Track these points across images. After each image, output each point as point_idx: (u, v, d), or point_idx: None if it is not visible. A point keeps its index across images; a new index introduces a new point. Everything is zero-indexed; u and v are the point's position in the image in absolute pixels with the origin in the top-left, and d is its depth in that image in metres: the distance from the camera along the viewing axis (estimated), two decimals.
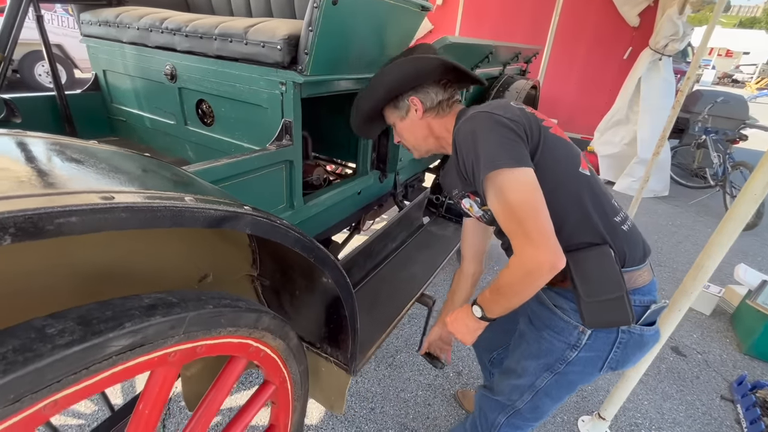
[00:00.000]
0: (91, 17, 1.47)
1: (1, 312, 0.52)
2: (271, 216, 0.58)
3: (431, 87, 1.05)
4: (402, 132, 1.13)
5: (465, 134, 0.88)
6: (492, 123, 0.85)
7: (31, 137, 0.47)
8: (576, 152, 0.92)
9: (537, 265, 0.77)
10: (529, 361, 1.03)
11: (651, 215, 4.11)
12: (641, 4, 4.42)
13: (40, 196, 0.32)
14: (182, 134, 1.41)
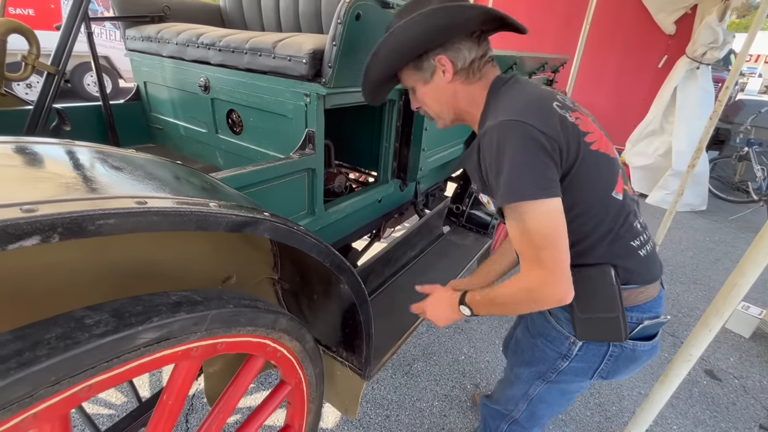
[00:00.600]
0: (135, 33, 1.59)
1: (46, 303, 0.57)
2: (290, 222, 0.62)
3: (464, 42, 0.85)
4: (424, 98, 0.94)
5: (490, 142, 0.76)
6: (523, 139, 0.73)
7: (79, 146, 0.53)
8: (614, 172, 0.84)
9: (544, 295, 0.75)
10: (522, 368, 1.05)
11: (687, 230, 3.92)
12: (678, 11, 4.27)
13: (83, 200, 0.37)
14: (213, 142, 1.49)
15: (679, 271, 3.14)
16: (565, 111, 0.79)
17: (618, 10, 4.64)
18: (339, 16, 0.99)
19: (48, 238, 0.34)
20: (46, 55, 1.10)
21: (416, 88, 0.94)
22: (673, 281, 2.98)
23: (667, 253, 3.39)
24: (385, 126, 1.51)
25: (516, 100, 0.80)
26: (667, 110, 4.38)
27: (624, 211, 0.83)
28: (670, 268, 3.17)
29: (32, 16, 6.52)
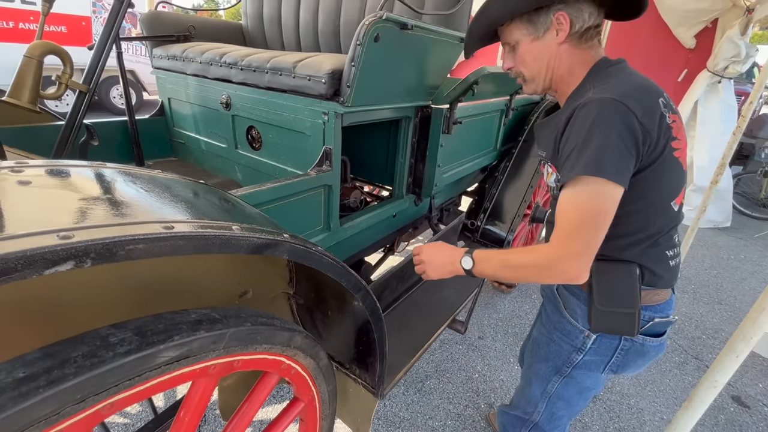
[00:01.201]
0: (161, 52, 1.65)
1: (76, 318, 0.59)
2: (308, 243, 0.63)
3: (586, 4, 0.81)
4: (525, 56, 0.88)
5: (588, 113, 0.74)
6: (622, 123, 0.71)
7: (108, 168, 0.55)
8: (681, 183, 0.85)
9: (562, 269, 0.76)
10: (540, 364, 1.09)
11: (710, 248, 3.80)
12: (698, 25, 4.21)
13: (115, 225, 0.38)
14: (233, 157, 1.53)
15: (702, 290, 3.03)
16: (667, 110, 0.78)
17: (636, 24, 4.60)
18: (358, 38, 1.01)
19: (81, 263, 0.35)
20: (78, 69, 1.16)
21: (520, 44, 0.88)
22: (696, 301, 2.88)
23: (690, 271, 3.29)
24: (401, 142, 1.52)
25: (626, 82, 0.78)
26: (688, 125, 4.29)
27: (672, 223, 0.86)
28: (693, 286, 3.07)
29: (65, 33, 6.86)
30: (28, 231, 0.34)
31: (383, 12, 1.01)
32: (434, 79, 1.39)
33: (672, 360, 2.24)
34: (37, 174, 0.47)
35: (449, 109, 1.45)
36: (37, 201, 0.41)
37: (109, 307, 0.65)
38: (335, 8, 1.65)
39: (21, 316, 0.49)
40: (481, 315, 2.50)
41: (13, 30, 6.36)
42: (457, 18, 1.42)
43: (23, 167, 0.47)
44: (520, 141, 2.14)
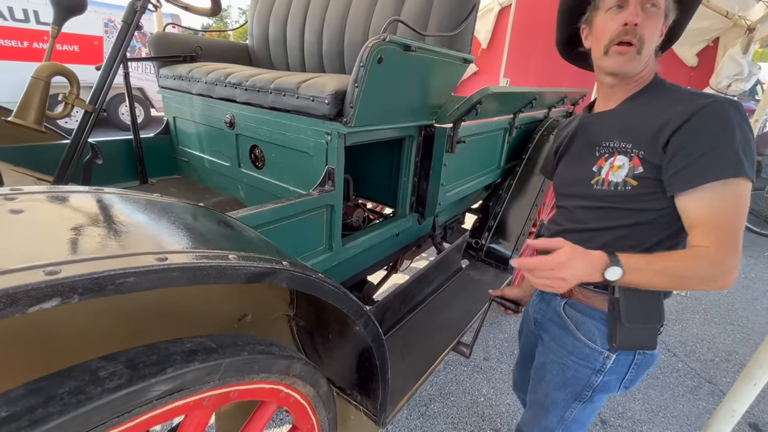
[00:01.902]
0: (168, 72, 1.67)
1: (68, 347, 0.57)
2: (308, 270, 0.61)
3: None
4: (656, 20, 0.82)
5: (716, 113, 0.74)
6: (744, 118, 0.75)
7: (106, 194, 0.54)
8: None
9: (727, 278, 0.72)
10: (557, 392, 1.03)
11: None
12: (699, 44, 4.25)
13: (105, 258, 0.37)
14: (236, 175, 1.53)
15: (713, 310, 2.96)
16: None
17: None
18: (362, 60, 1.01)
19: (68, 299, 0.34)
20: (87, 87, 1.17)
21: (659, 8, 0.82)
22: (707, 322, 2.81)
23: (700, 292, 3.22)
24: (404, 161, 1.51)
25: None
26: None
27: None
28: (703, 306, 3.00)
29: (77, 52, 7.05)
30: (13, 267, 0.32)
31: (387, 34, 1.02)
32: (437, 99, 1.39)
33: (685, 384, 2.17)
34: (30, 201, 0.46)
35: (452, 128, 1.45)
36: (28, 232, 0.40)
37: (102, 335, 0.63)
38: (339, 29, 1.67)
39: (7, 347, 0.47)
40: (486, 335, 2.44)
41: (27, 49, 6.55)
42: (460, 39, 1.43)
43: (17, 194, 0.46)
44: (524, 159, 2.14)
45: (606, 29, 0.84)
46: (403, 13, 1.50)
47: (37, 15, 6.51)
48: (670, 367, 2.30)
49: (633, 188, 0.84)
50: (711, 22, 4.05)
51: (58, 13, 1.19)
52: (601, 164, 0.91)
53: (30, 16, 6.50)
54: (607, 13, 0.84)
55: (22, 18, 6.43)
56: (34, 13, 6.49)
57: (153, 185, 1.72)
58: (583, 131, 1.00)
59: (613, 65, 0.85)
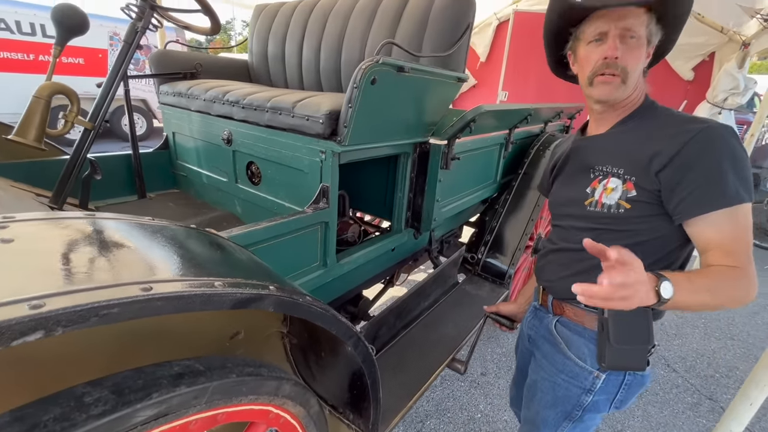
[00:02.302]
0: (168, 89, 1.70)
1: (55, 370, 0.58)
2: (295, 293, 0.61)
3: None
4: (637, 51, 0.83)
5: (713, 140, 0.75)
6: (740, 146, 0.77)
7: (97, 219, 0.55)
8: None
9: (753, 293, 0.76)
10: (548, 410, 1.04)
11: None
12: (695, 58, 4.30)
13: (89, 290, 0.38)
14: (233, 191, 1.54)
15: (713, 325, 2.94)
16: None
17: None
18: (355, 81, 1.03)
19: (51, 332, 0.34)
20: (90, 98, 1.18)
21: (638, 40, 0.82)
22: (707, 336, 2.79)
23: None
24: (399, 177, 1.53)
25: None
26: None
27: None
28: (703, 321, 2.98)
29: (82, 65, 7.16)
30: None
31: (380, 56, 1.04)
32: (432, 116, 1.42)
33: (685, 401, 2.15)
34: (22, 229, 0.47)
35: (447, 145, 1.47)
36: (16, 262, 0.41)
37: (91, 357, 0.63)
38: (336, 48, 1.71)
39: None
40: (483, 350, 2.43)
41: (33, 62, 6.66)
42: (454, 58, 1.45)
43: (9, 222, 0.47)
44: (520, 174, 2.15)
45: (588, 60, 0.86)
46: (398, 34, 1.53)
47: (44, 28, 6.64)
48: (670, 383, 2.28)
49: (626, 211, 0.86)
50: (706, 37, 4.11)
51: (61, 33, 1.22)
52: (595, 186, 0.93)
53: (37, 30, 6.63)
54: (589, 45, 0.86)
55: (29, 31, 6.56)
56: (41, 27, 6.62)
57: (151, 199, 1.73)
58: (576, 154, 1.01)
59: (599, 94, 0.87)
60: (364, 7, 1.65)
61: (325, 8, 1.78)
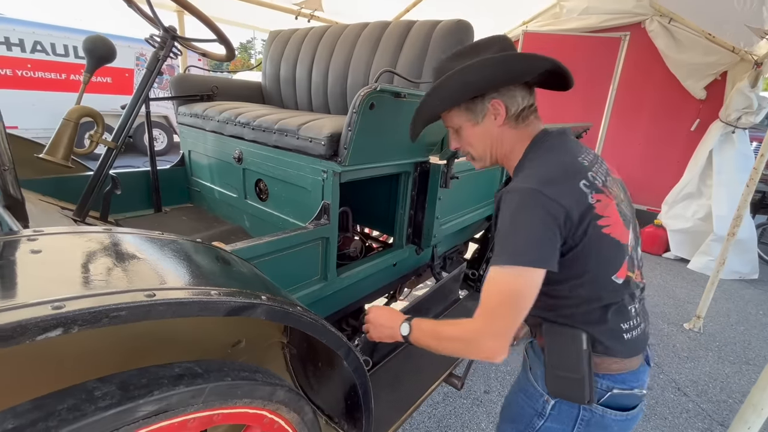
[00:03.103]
0: (186, 110, 1.82)
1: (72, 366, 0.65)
2: (286, 303, 0.67)
3: (518, 89, 0.87)
4: (470, 138, 0.94)
5: (509, 203, 0.80)
6: (539, 209, 0.76)
7: (114, 233, 0.63)
8: (620, 258, 0.84)
9: (482, 346, 0.79)
10: (506, 424, 1.07)
11: (736, 301, 3.61)
12: (707, 77, 4.29)
13: (102, 295, 0.44)
14: (242, 206, 1.63)
15: (727, 348, 2.86)
16: (591, 190, 0.80)
17: (644, 76, 4.73)
18: (354, 106, 1.11)
19: (69, 330, 0.41)
20: (116, 115, 1.28)
21: (463, 128, 0.93)
22: (721, 360, 2.71)
23: (714, 327, 3.12)
24: (400, 194, 1.59)
25: (553, 163, 0.83)
26: (704, 173, 4.25)
27: (620, 295, 0.86)
28: (717, 344, 2.90)
29: (110, 83, 7.56)
30: (27, 301, 0.40)
31: (378, 84, 1.12)
32: (431, 137, 1.48)
33: (695, 426, 2.09)
34: (49, 241, 0.55)
35: (446, 165, 1.53)
36: (42, 270, 0.48)
37: (103, 357, 0.70)
38: (343, 72, 1.80)
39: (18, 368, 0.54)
40: (487, 367, 2.42)
41: (65, 81, 7.06)
42: None
43: (39, 235, 0.55)
44: None
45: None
46: (400, 60, 1.62)
47: (76, 50, 7.06)
48: (680, 407, 2.23)
49: None
50: (718, 56, 4.11)
51: (91, 62, 1.34)
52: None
53: (70, 51, 7.06)
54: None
55: (62, 53, 6.98)
56: (74, 49, 7.04)
57: (166, 213, 1.83)
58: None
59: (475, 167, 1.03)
60: (369, 34, 1.74)
61: (334, 35, 1.89)
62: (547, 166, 0.83)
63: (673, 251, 4.46)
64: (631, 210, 0.91)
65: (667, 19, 4.31)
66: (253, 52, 35.70)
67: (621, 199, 0.88)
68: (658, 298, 3.55)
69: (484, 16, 4.89)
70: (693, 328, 3.05)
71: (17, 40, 6.51)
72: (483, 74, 0.84)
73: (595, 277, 0.84)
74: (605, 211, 0.81)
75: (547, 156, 0.86)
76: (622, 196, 0.90)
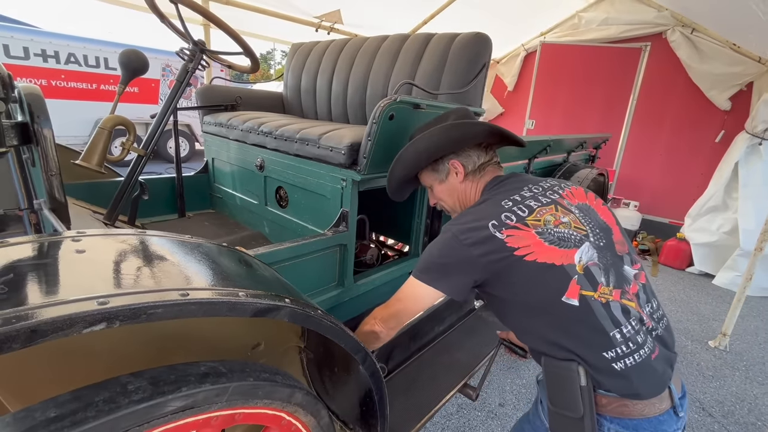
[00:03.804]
0: (211, 119, 1.89)
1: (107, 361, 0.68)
2: (308, 306, 0.69)
3: (473, 150, 1.05)
4: (440, 195, 1.12)
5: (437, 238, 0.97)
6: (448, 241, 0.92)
7: (147, 236, 0.66)
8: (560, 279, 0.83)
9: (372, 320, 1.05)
10: None
11: (764, 318, 3.47)
12: (731, 88, 4.19)
13: (141, 293, 0.47)
14: (262, 212, 1.67)
15: (756, 368, 2.74)
16: (498, 229, 0.88)
17: (666, 87, 4.66)
18: (374, 117, 1.14)
19: (111, 324, 0.44)
20: (142, 123, 1.35)
21: (434, 186, 1.13)
22: (749, 380, 2.60)
23: (741, 345, 3.00)
24: (417, 203, 1.60)
25: (478, 210, 0.96)
26: (729, 186, 4.13)
27: (587, 317, 0.81)
28: (744, 363, 2.78)
29: (137, 93, 7.86)
30: (75, 297, 0.43)
31: (398, 95, 1.15)
32: None
33: None
34: (90, 242, 0.59)
35: None
36: (87, 268, 0.51)
37: (134, 354, 0.73)
38: (363, 84, 1.84)
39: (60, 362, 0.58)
40: (502, 380, 2.38)
41: (96, 90, 7.38)
42: (471, 94, 1.54)
43: (82, 236, 0.59)
44: None
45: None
46: (419, 72, 1.65)
47: (107, 61, 7.38)
48: (705, 428, 2.15)
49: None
50: (743, 66, 4.02)
51: (125, 74, 1.42)
52: None
53: (101, 62, 7.39)
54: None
55: (94, 64, 7.31)
56: (104, 60, 7.37)
57: (190, 218, 1.89)
58: None
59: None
60: (389, 47, 1.78)
61: (354, 48, 1.94)
62: (474, 209, 0.98)
63: (697, 266, 4.32)
64: (595, 230, 0.91)
65: (690, 30, 4.24)
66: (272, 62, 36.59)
67: (565, 222, 0.90)
68: (682, 314, 3.44)
69: (503, 28, 4.92)
70: (718, 346, 2.94)
71: (53, 53, 6.86)
72: (430, 143, 1.03)
73: (543, 302, 0.84)
74: (520, 243, 0.86)
75: (485, 201, 1.00)
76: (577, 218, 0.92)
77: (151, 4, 1.38)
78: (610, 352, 0.80)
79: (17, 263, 0.49)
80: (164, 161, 7.98)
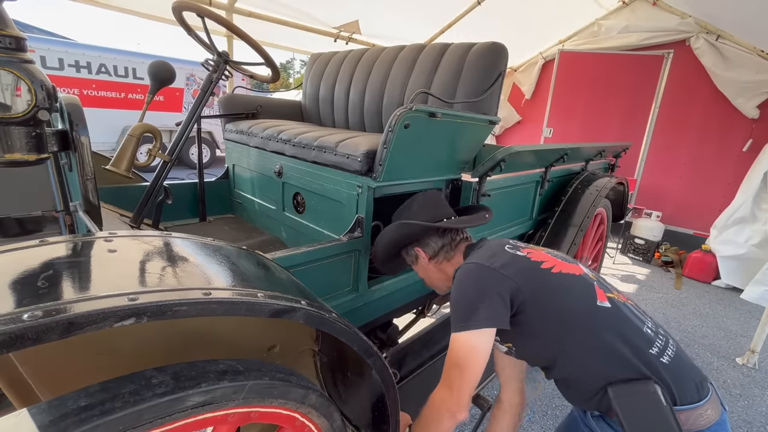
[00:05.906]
0: (232, 127, 1.96)
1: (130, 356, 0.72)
2: (323, 309, 0.71)
3: (431, 237, 1.17)
4: (421, 274, 1.26)
5: (457, 278, 0.97)
6: (475, 272, 0.92)
7: (172, 237, 0.70)
8: (587, 286, 0.89)
9: (441, 409, 0.92)
10: None
11: None
12: (759, 96, 4.06)
13: (167, 291, 0.50)
14: (280, 218, 1.71)
15: None
16: (515, 249, 0.95)
17: (690, 95, 4.55)
18: (390, 125, 1.16)
19: (140, 319, 0.47)
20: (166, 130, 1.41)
21: (413, 267, 1.26)
22: None
23: None
24: None
25: (475, 252, 1.03)
26: (758, 196, 3.98)
27: (621, 317, 0.85)
28: None
29: (162, 102, 8.16)
30: (107, 293, 0.46)
31: (414, 104, 1.17)
32: (463, 155, 1.51)
33: None
34: (121, 243, 0.62)
35: (478, 182, 1.54)
36: (119, 267, 0.55)
37: (157, 350, 0.77)
38: (379, 93, 1.88)
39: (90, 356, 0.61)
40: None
41: (124, 99, 7.70)
42: (487, 103, 1.55)
43: (113, 237, 0.63)
44: (556, 211, 2.15)
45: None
46: (435, 81, 1.67)
47: (135, 71, 7.71)
48: None
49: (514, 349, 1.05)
50: None
51: (154, 84, 1.49)
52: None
53: (129, 72, 7.71)
54: None
55: (123, 74, 7.64)
56: (133, 70, 7.69)
57: (210, 223, 1.95)
58: None
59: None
60: (405, 56, 1.82)
61: (372, 57, 1.98)
62: (475, 253, 1.02)
63: (723, 279, 4.16)
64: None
65: (715, 36, 4.15)
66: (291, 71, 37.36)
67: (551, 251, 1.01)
68: (707, 329, 3.32)
69: (520, 36, 4.91)
70: (747, 363, 2.82)
71: (85, 63, 7.20)
72: (388, 237, 1.18)
73: (583, 313, 0.85)
74: (540, 257, 0.93)
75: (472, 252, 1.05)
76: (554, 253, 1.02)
77: (179, 17, 1.45)
78: (653, 348, 0.83)
79: (56, 261, 0.53)
80: (186, 167, 8.23)
